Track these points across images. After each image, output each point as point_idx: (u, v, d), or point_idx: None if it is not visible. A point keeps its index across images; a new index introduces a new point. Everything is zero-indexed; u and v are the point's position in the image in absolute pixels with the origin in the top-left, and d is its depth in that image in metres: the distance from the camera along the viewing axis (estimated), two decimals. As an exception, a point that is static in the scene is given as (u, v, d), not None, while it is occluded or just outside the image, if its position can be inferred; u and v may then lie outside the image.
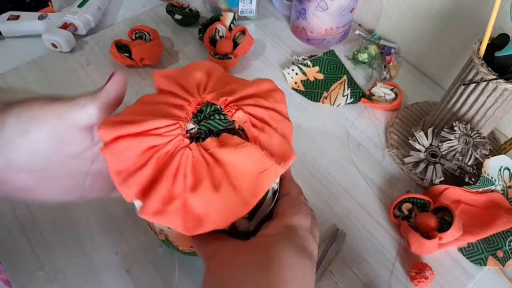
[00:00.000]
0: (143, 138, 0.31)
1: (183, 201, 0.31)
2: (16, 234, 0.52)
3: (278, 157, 0.33)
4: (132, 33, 0.72)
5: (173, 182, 0.31)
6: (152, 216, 0.31)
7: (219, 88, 0.36)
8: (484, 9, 0.59)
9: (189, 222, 0.31)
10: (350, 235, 0.54)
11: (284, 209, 0.34)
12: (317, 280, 0.49)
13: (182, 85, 0.36)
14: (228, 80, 0.38)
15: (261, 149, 0.32)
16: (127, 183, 0.31)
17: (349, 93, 0.68)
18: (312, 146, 0.62)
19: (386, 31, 0.77)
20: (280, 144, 0.34)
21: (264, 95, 0.36)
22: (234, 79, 0.38)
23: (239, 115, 0.34)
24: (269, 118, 0.35)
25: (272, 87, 0.37)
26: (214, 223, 0.31)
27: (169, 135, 0.32)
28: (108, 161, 0.32)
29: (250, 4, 0.76)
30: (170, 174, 0.31)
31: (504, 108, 0.52)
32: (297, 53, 0.75)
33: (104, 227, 0.53)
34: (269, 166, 0.32)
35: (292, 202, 0.35)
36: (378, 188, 0.58)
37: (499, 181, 0.54)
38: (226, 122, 0.35)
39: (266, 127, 0.34)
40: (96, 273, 0.49)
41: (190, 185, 0.31)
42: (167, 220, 0.31)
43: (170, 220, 0.31)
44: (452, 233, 0.48)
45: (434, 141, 0.58)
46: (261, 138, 0.33)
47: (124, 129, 0.31)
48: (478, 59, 0.49)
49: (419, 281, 0.49)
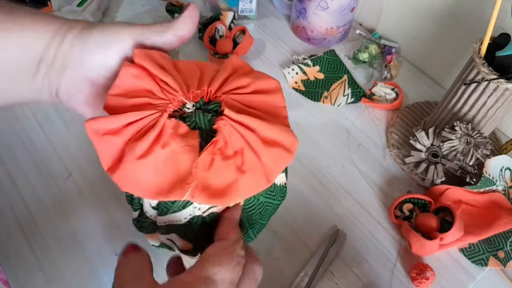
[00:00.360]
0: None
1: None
2: (15, 234, 0.52)
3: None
4: (131, 33, 0.71)
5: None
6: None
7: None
8: (485, 9, 0.59)
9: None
10: (351, 236, 0.53)
11: (210, 256, 0.30)
12: (318, 280, 0.49)
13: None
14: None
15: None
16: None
17: (349, 93, 0.68)
18: (312, 146, 0.62)
19: (387, 31, 0.76)
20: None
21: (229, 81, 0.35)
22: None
23: (221, 125, 0.33)
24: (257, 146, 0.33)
25: (238, 64, 0.37)
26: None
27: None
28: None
29: (250, 4, 0.76)
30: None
31: (505, 108, 0.51)
32: (297, 53, 0.75)
33: (104, 227, 0.53)
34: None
35: (223, 249, 0.30)
36: (378, 188, 0.58)
37: (500, 181, 0.54)
38: (210, 125, 0.34)
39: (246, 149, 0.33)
40: (95, 274, 0.49)
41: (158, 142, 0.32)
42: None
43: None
44: (453, 233, 0.48)
45: (435, 141, 0.57)
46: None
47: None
48: (479, 59, 0.49)
49: (420, 281, 0.48)
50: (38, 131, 0.62)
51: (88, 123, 0.33)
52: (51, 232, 0.52)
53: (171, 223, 0.36)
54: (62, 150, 0.60)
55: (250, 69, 0.37)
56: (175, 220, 0.36)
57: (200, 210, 0.35)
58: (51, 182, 0.57)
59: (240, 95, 0.35)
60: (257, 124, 0.32)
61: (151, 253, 0.34)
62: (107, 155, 0.33)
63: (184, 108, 0.34)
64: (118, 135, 0.33)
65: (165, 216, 0.36)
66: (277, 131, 0.32)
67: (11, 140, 0.61)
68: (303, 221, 0.54)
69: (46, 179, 0.57)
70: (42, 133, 0.62)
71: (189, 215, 0.35)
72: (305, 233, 0.53)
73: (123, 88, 0.34)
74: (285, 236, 0.53)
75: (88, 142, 0.65)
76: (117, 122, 0.32)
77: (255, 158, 0.32)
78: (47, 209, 0.54)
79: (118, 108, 0.34)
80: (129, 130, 0.32)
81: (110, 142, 0.33)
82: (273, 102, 0.35)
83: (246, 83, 0.35)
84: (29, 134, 0.61)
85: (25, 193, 0.55)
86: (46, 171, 0.58)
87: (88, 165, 0.58)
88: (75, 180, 0.57)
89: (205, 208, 0.35)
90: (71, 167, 0.58)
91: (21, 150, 0.60)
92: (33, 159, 0.59)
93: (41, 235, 0.52)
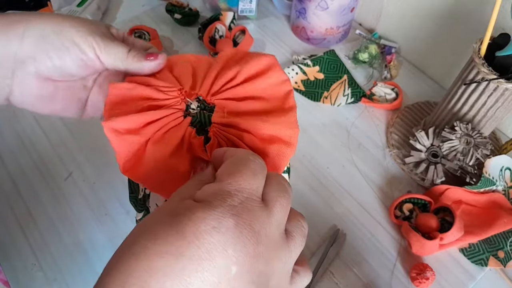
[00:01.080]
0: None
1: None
2: (15, 234, 0.52)
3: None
4: (131, 33, 0.72)
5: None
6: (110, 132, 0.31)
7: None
8: (485, 9, 0.59)
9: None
10: (351, 236, 0.53)
11: (223, 170, 0.24)
12: (317, 280, 0.49)
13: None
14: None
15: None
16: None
17: (349, 93, 0.68)
18: (312, 146, 0.62)
19: (387, 31, 0.76)
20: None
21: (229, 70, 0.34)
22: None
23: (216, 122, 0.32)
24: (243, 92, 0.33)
25: (234, 52, 0.35)
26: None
27: (168, 96, 0.33)
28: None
29: (250, 4, 0.76)
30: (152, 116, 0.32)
31: (505, 108, 0.51)
32: (297, 53, 0.75)
33: (104, 227, 0.53)
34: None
35: (234, 163, 0.24)
36: (378, 188, 0.58)
37: (500, 181, 0.54)
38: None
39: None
40: (95, 274, 0.49)
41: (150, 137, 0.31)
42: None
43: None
44: (453, 233, 0.48)
45: (435, 141, 0.57)
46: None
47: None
48: (479, 59, 0.49)
49: (420, 281, 0.48)
50: (38, 131, 0.62)
51: (107, 123, 0.32)
52: (51, 232, 0.52)
53: None
54: (62, 150, 0.60)
55: (242, 55, 0.35)
56: None
57: None
58: (51, 182, 0.57)
59: (231, 89, 0.33)
60: (250, 124, 0.30)
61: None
62: (125, 155, 0.32)
63: (189, 109, 0.34)
64: (137, 134, 0.32)
65: None
66: (272, 127, 0.30)
67: (11, 140, 0.61)
68: (303, 221, 0.54)
69: (46, 179, 0.57)
70: (42, 133, 0.62)
71: None
72: (305, 233, 0.53)
73: (119, 99, 0.34)
74: (285, 236, 0.53)
75: (88, 142, 0.65)
76: (137, 121, 0.32)
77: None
78: (47, 209, 0.54)
79: (121, 109, 0.33)
80: (149, 130, 0.32)
81: (129, 141, 0.32)
82: (268, 83, 0.33)
83: (234, 74, 0.33)
84: (29, 134, 0.61)
85: (25, 193, 0.55)
86: (46, 171, 0.58)
87: (88, 165, 0.58)
88: (75, 180, 0.57)
89: None
90: (71, 167, 0.58)
91: (21, 150, 0.60)
92: (33, 159, 0.59)
93: (41, 235, 0.52)
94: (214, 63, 0.35)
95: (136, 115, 0.31)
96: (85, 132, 0.62)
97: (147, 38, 0.71)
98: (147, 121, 0.32)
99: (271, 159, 0.31)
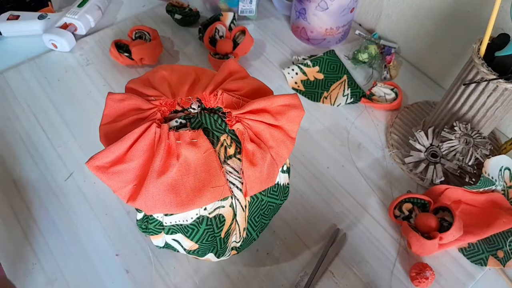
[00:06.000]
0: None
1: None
2: (15, 234, 0.52)
3: (253, 181, 0.34)
4: (132, 33, 0.72)
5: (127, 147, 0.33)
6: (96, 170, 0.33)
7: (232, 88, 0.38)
8: (484, 9, 0.59)
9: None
10: (350, 235, 0.53)
11: None
12: (317, 280, 0.49)
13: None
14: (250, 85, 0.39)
15: (250, 164, 0.34)
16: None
17: (349, 93, 0.68)
18: (312, 146, 0.62)
19: (387, 31, 0.77)
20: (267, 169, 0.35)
21: (275, 111, 0.36)
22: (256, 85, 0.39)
23: (239, 127, 0.35)
24: (268, 135, 0.35)
25: (292, 103, 0.37)
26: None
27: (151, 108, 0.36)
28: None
29: (250, 4, 0.76)
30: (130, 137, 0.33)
31: (504, 108, 0.52)
32: (297, 53, 0.75)
33: (105, 227, 0.53)
34: (220, 185, 0.33)
35: None
36: (378, 188, 0.58)
37: (499, 181, 0.54)
38: (220, 128, 0.35)
39: (262, 144, 0.35)
40: (96, 273, 0.49)
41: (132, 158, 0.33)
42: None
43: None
44: (453, 233, 0.48)
45: (434, 141, 0.58)
46: (254, 153, 0.34)
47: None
48: (478, 59, 0.49)
49: (420, 281, 0.49)
50: (38, 131, 0.62)
51: (89, 163, 0.32)
52: (51, 232, 0.52)
53: (178, 223, 0.36)
54: (62, 150, 0.60)
55: (246, 74, 0.39)
56: (182, 220, 0.36)
57: (206, 211, 0.35)
58: (51, 182, 0.57)
59: (236, 94, 0.37)
60: (261, 115, 0.35)
61: (154, 254, 0.35)
62: (122, 186, 0.33)
63: (189, 109, 0.35)
64: (125, 162, 0.32)
65: (172, 216, 0.36)
66: (279, 117, 0.36)
67: (11, 140, 0.61)
68: (303, 221, 0.54)
69: (46, 179, 0.57)
70: (42, 133, 0.62)
71: (196, 215, 0.35)
72: (305, 233, 0.53)
73: (111, 116, 0.36)
74: (285, 236, 0.53)
75: (89, 142, 0.65)
76: (118, 150, 0.32)
77: (273, 138, 0.36)
78: (47, 209, 0.54)
79: (111, 135, 0.35)
80: (132, 153, 0.33)
81: (119, 172, 0.33)
82: (272, 103, 0.37)
83: (240, 86, 0.37)
84: (29, 134, 0.62)
85: (25, 193, 0.56)
86: (46, 171, 0.58)
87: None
88: (75, 180, 0.57)
89: (212, 209, 0.35)
90: (71, 167, 0.58)
91: (21, 150, 0.60)
92: (33, 159, 0.59)
93: (42, 235, 0.52)
94: (220, 70, 0.39)
95: (114, 146, 0.32)
96: (85, 132, 0.62)
97: (148, 38, 0.71)
98: (127, 146, 0.33)
99: (277, 145, 0.36)
